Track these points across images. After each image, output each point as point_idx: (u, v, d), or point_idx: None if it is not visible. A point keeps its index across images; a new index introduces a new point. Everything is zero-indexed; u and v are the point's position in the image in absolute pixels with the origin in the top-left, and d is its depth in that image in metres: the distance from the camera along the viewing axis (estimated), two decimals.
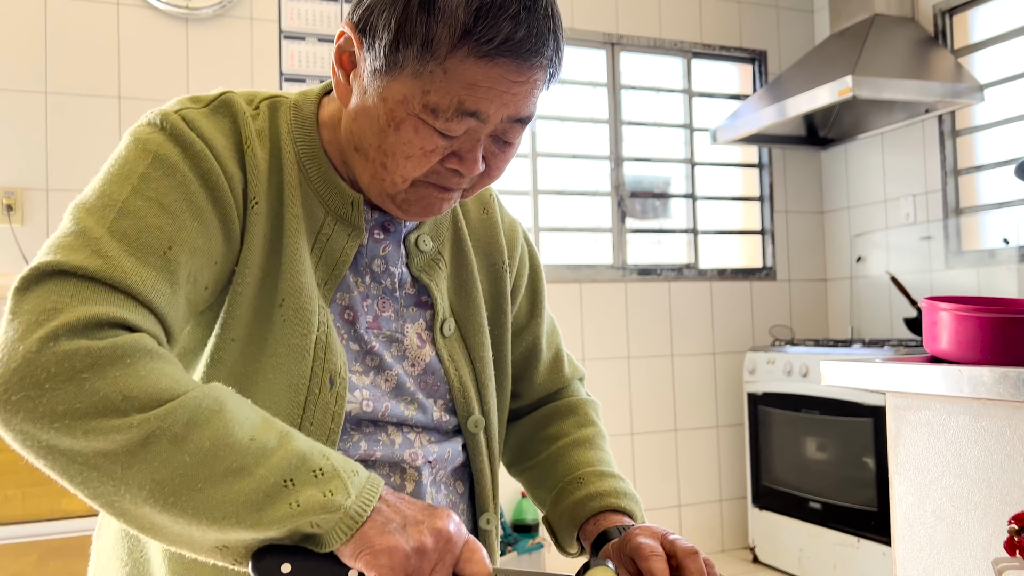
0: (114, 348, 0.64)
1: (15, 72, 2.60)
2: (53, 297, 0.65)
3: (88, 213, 0.71)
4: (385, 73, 0.75)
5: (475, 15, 0.71)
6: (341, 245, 0.84)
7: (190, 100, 0.81)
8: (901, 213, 3.40)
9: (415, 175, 0.78)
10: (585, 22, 3.42)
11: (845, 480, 2.93)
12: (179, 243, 0.72)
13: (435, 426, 0.90)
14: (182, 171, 0.75)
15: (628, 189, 3.53)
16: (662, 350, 3.48)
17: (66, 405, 0.62)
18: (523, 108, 0.78)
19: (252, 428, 0.67)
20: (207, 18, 2.83)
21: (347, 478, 0.66)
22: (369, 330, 0.86)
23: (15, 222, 2.57)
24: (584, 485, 0.93)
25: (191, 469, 0.63)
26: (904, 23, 3.24)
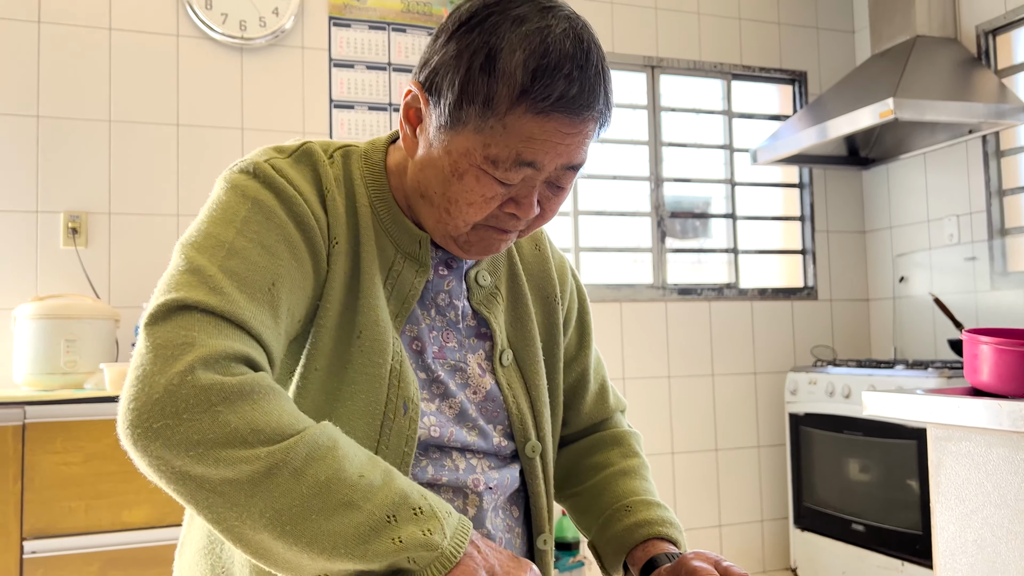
0: (243, 384, 0.70)
1: (81, 102, 2.73)
2: (182, 332, 0.71)
3: (199, 252, 0.78)
4: (449, 128, 0.82)
5: (532, 75, 0.78)
6: (410, 280, 0.91)
7: (275, 150, 0.89)
8: (945, 233, 3.38)
9: (476, 219, 0.85)
10: (625, 46, 3.47)
11: (889, 502, 2.91)
12: (280, 280, 0.79)
13: (495, 451, 0.95)
14: (279, 215, 0.82)
15: (668, 209, 3.56)
16: (703, 370, 3.49)
17: (201, 435, 0.67)
18: (576, 157, 0.85)
19: (361, 465, 0.72)
20: (261, 48, 2.94)
21: (443, 519, 0.72)
22: (435, 359, 0.92)
23: (80, 244, 2.69)
24: (632, 513, 0.98)
25: (307, 500, 0.68)
26: (946, 44, 3.23)
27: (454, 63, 0.81)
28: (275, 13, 2.93)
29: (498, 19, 0.80)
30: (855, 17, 3.87)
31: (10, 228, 2.63)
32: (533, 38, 0.78)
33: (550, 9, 0.82)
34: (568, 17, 0.82)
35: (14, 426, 2.13)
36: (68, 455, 2.18)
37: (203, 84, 2.87)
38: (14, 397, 2.18)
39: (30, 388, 2.40)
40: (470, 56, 0.80)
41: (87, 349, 2.43)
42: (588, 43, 0.81)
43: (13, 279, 2.63)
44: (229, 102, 2.90)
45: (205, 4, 2.85)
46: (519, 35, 0.79)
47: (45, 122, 2.69)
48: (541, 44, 0.78)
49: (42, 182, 2.67)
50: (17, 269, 2.64)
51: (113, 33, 2.78)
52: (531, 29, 0.79)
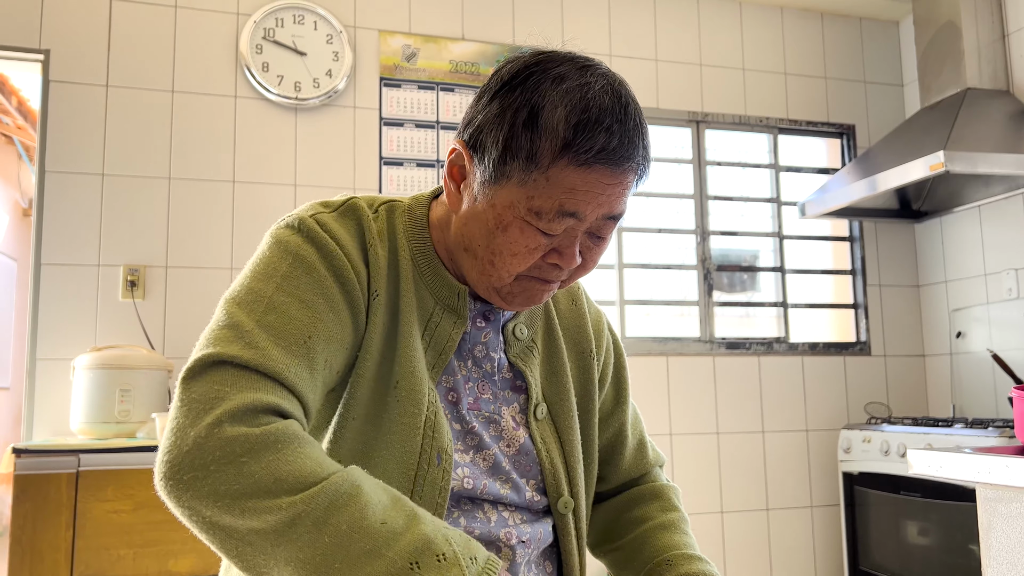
0: (267, 435, 0.73)
1: (143, 160, 2.85)
2: (216, 386, 0.75)
3: (239, 307, 0.81)
4: (494, 183, 0.86)
5: (574, 130, 0.81)
6: (448, 332, 0.93)
7: (321, 205, 0.92)
8: (1003, 288, 3.29)
9: (519, 270, 0.88)
10: (670, 102, 3.51)
11: (950, 567, 2.78)
12: (317, 333, 0.82)
13: (527, 505, 0.95)
14: (318, 269, 0.85)
15: (715, 262, 3.53)
16: (753, 426, 3.42)
17: (227, 486, 0.70)
18: (616, 207, 0.87)
19: (384, 511, 0.74)
20: (314, 108, 3.05)
21: (466, 566, 0.72)
22: (470, 411, 0.94)
23: (137, 297, 2.78)
24: (673, 567, 0.98)
25: (330, 550, 0.70)
26: (998, 96, 3.19)
27: (497, 121, 0.84)
28: (328, 75, 3.04)
29: (539, 78, 0.83)
30: (903, 70, 3.85)
31: (74, 281, 2.74)
32: (574, 94, 0.82)
33: (588, 67, 0.85)
34: (605, 75, 0.85)
35: (68, 473, 2.19)
36: (119, 503, 2.22)
37: (259, 142, 2.98)
38: (70, 445, 2.24)
39: (84, 436, 2.47)
40: (513, 113, 0.83)
41: (140, 399, 2.49)
42: (626, 98, 0.84)
43: (75, 330, 2.73)
44: (283, 159, 3.00)
45: (262, 67, 2.97)
46: (560, 92, 0.82)
47: (109, 179, 2.81)
48: (582, 100, 0.81)
49: (104, 236, 2.79)
50: (79, 320, 2.74)
51: (176, 95, 2.92)
52: (571, 86, 0.82)
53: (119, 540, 2.21)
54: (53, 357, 2.69)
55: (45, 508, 2.16)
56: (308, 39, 3.04)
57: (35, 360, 2.68)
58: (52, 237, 2.74)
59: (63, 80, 2.81)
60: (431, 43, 3.21)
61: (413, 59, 3.19)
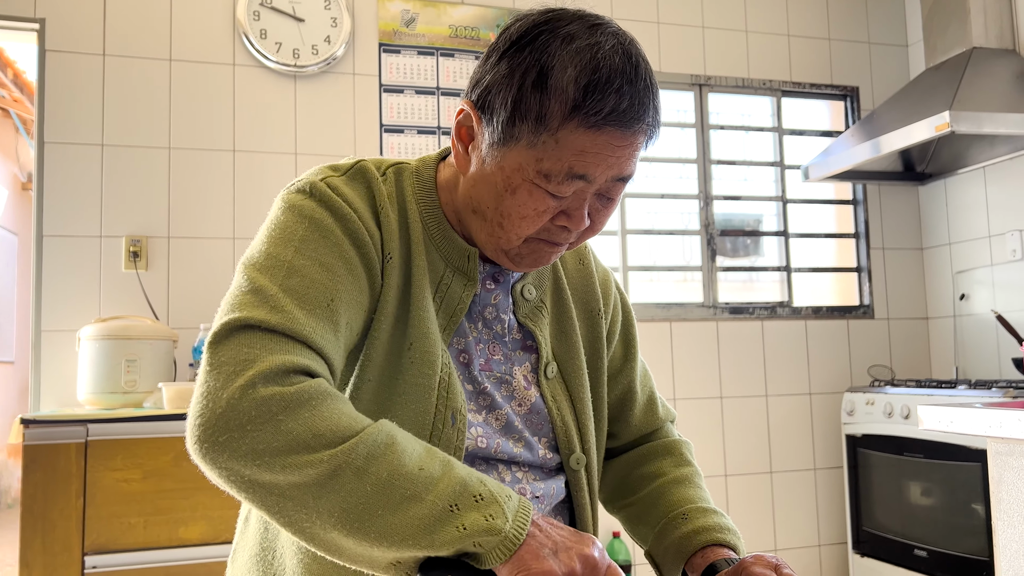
0: (301, 392, 0.73)
1: (143, 130, 2.83)
2: (245, 349, 0.75)
3: (260, 272, 0.81)
4: (502, 144, 0.84)
5: (584, 91, 0.79)
6: (459, 294, 0.93)
7: (330, 169, 0.92)
8: (1007, 249, 3.28)
9: (528, 233, 0.87)
10: (673, 65, 3.47)
11: (953, 527, 2.81)
12: (338, 296, 0.82)
13: (540, 464, 0.96)
14: (335, 233, 0.85)
15: (718, 227, 3.52)
16: (756, 390, 3.43)
17: (265, 444, 0.71)
18: (626, 168, 0.86)
19: (419, 458, 0.75)
20: (313, 75, 3.02)
21: (504, 503, 0.73)
22: (482, 372, 0.94)
23: (140, 268, 2.77)
24: (689, 521, 0.98)
25: (372, 498, 0.71)
26: (1004, 55, 3.16)
27: (506, 82, 0.83)
28: (327, 41, 3.00)
29: (548, 38, 0.82)
30: (908, 31, 3.80)
31: (76, 252, 2.74)
32: (584, 54, 0.80)
33: (598, 26, 0.83)
34: (616, 33, 0.83)
35: (77, 443, 2.20)
36: (128, 472, 2.24)
37: (258, 111, 2.96)
38: (78, 415, 2.25)
39: (92, 406, 2.48)
40: (522, 74, 0.82)
41: (146, 369, 2.50)
42: (636, 58, 0.83)
43: (79, 301, 2.72)
44: (283, 128, 2.98)
45: (260, 34, 2.94)
46: (569, 52, 0.80)
47: (109, 150, 2.79)
48: (592, 60, 0.80)
49: (105, 208, 2.77)
50: (82, 292, 2.73)
51: (173, 64, 2.88)
52: (581, 46, 0.81)
53: (129, 508, 2.22)
54: (58, 329, 2.70)
55: (55, 478, 2.18)
56: (306, 5, 2.99)
57: (40, 332, 2.68)
58: (53, 209, 2.73)
59: (59, 50, 2.78)
60: (430, 7, 3.17)
61: (412, 24, 3.15)
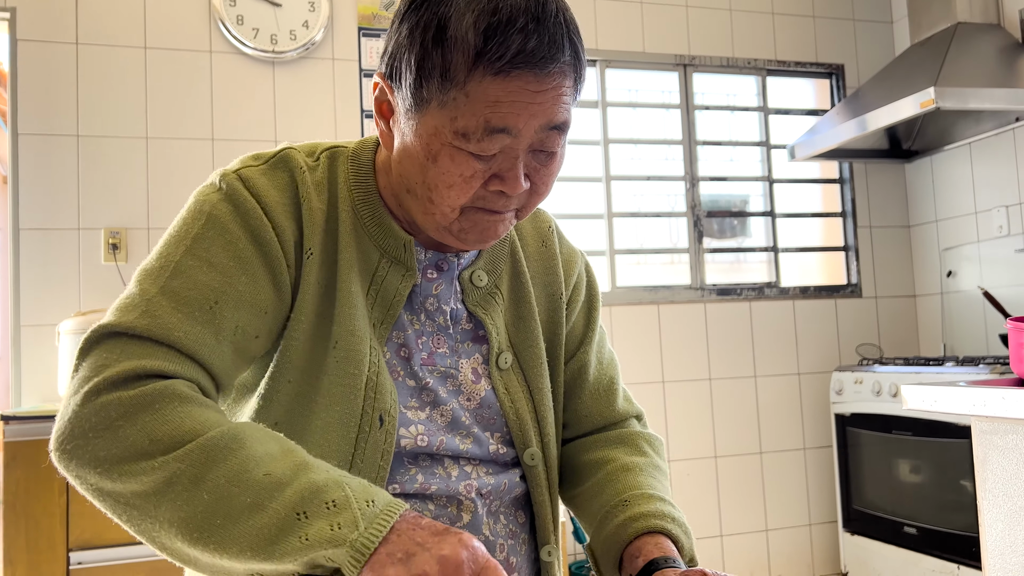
0: (143, 395, 0.70)
1: (119, 119, 2.79)
2: (104, 355, 0.73)
3: (147, 275, 0.79)
4: (415, 111, 0.79)
5: (484, 36, 0.73)
6: (395, 286, 0.88)
7: (252, 158, 0.87)
8: (994, 225, 3.28)
9: (461, 202, 0.81)
10: (656, 45, 3.44)
11: (942, 504, 2.82)
12: (225, 297, 0.78)
13: (492, 458, 0.91)
14: (232, 230, 0.81)
15: (704, 209, 3.50)
16: (744, 371, 3.43)
17: (105, 451, 0.69)
18: (554, 115, 0.78)
19: (269, 463, 0.69)
20: (292, 61, 2.97)
21: (358, 509, 0.66)
22: (424, 367, 0.89)
23: (120, 260, 2.74)
24: (629, 507, 0.88)
25: (210, 506, 0.67)
26: (989, 30, 3.14)
27: (408, 43, 0.78)
28: (305, 26, 2.96)
29: None
30: (893, 7, 3.78)
31: (54, 245, 2.70)
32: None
33: None
34: None
35: None
36: None
37: (236, 98, 2.91)
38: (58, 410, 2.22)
39: None
40: (422, 31, 0.76)
41: None
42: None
43: (58, 295, 2.69)
44: (262, 115, 2.94)
45: (236, 20, 2.89)
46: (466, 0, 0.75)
47: (84, 141, 2.75)
48: (490, 2, 0.74)
49: (83, 200, 2.73)
50: (61, 285, 2.70)
51: (148, 52, 2.83)
52: None
53: None
54: (37, 323, 2.66)
55: (37, 474, 2.15)
56: None
57: (19, 327, 2.65)
58: (29, 202, 2.69)
59: (31, 39, 2.72)
60: None
61: (391, 7, 3.10)
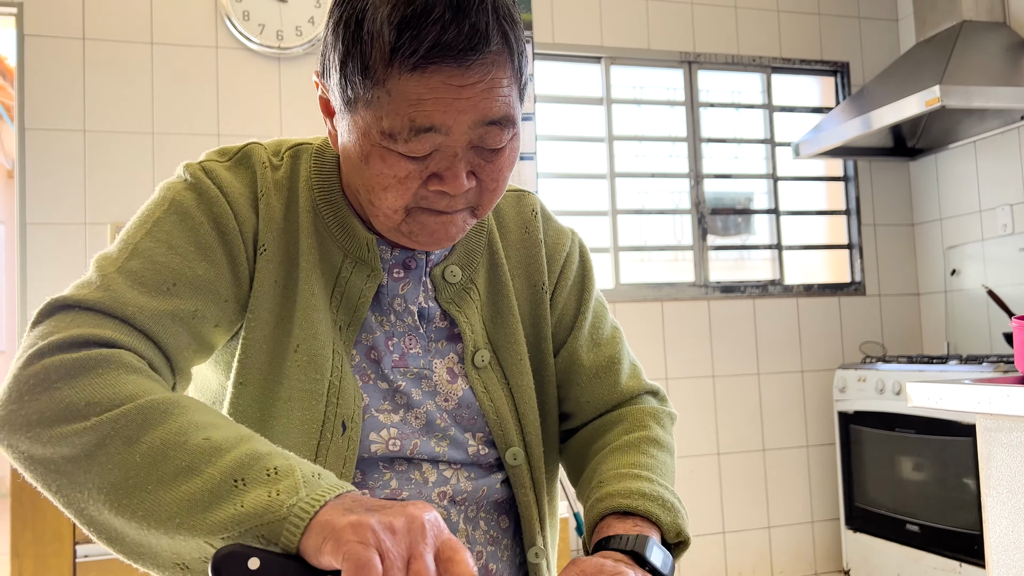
0: (87, 359, 0.66)
1: (125, 115, 2.79)
2: (53, 324, 0.70)
3: (105, 258, 0.77)
4: (347, 110, 0.75)
5: (398, 29, 0.69)
6: (359, 287, 0.85)
7: (217, 153, 0.86)
8: (998, 223, 3.28)
9: (400, 204, 0.76)
10: (662, 42, 3.44)
11: (944, 501, 2.82)
12: (183, 280, 0.76)
13: (472, 461, 0.87)
14: (193, 215, 0.79)
15: (709, 206, 3.51)
16: (748, 368, 3.43)
17: (39, 414, 0.64)
18: (488, 110, 0.72)
19: (210, 430, 0.65)
20: (297, 56, 2.98)
21: (301, 478, 0.61)
22: (395, 369, 0.85)
23: None
24: (600, 487, 0.83)
25: (142, 470, 0.62)
26: (995, 28, 3.14)
27: (332, 40, 0.74)
28: (311, 22, 2.96)
29: None
30: (898, 5, 3.77)
31: (61, 240, 2.71)
32: None
33: None
34: None
35: None
36: None
37: (242, 94, 2.92)
38: None
39: None
40: (343, 27, 0.72)
41: None
42: None
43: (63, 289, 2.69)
44: (267, 111, 2.94)
45: (243, 15, 2.90)
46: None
47: (91, 136, 2.76)
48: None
49: (89, 194, 2.74)
50: (68, 280, 2.69)
51: (155, 47, 2.84)
52: None
53: None
54: None
55: None
56: None
57: (26, 321, 2.66)
58: (36, 196, 2.70)
59: (38, 34, 2.73)
60: None
61: None
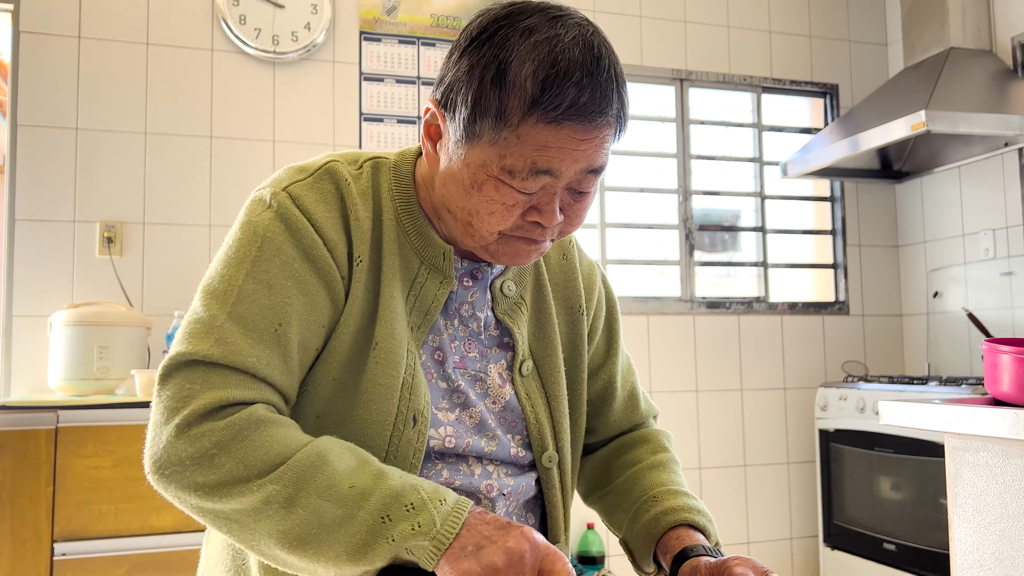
0: (232, 425, 0.78)
1: (118, 114, 2.80)
2: (187, 385, 0.80)
3: (212, 298, 0.84)
4: (466, 142, 0.84)
5: (542, 86, 0.79)
6: (433, 292, 0.93)
7: (297, 171, 0.91)
8: (980, 248, 3.32)
9: (500, 228, 0.87)
10: (654, 59, 3.48)
11: (921, 521, 2.85)
12: (288, 319, 0.84)
13: (512, 460, 0.97)
14: (286, 251, 0.86)
15: (696, 222, 3.54)
16: (731, 384, 3.46)
17: (203, 478, 0.77)
18: (594, 160, 0.85)
19: (351, 475, 0.78)
20: (293, 62, 3.00)
21: (434, 509, 0.76)
22: (456, 369, 0.95)
23: (115, 254, 2.75)
24: (658, 503, 0.98)
25: (305, 520, 0.75)
26: (981, 56, 3.19)
27: (466, 78, 0.82)
28: (307, 28, 2.98)
29: (507, 32, 0.81)
30: (888, 30, 3.83)
31: (49, 237, 2.71)
32: (542, 48, 0.79)
33: (559, 18, 0.82)
34: (578, 24, 0.82)
35: (47, 430, 2.18)
36: (99, 459, 2.22)
37: (236, 97, 2.93)
38: (48, 401, 2.23)
39: (63, 393, 2.46)
40: (481, 71, 0.81)
41: (119, 356, 2.48)
42: (599, 48, 0.82)
43: (51, 286, 2.70)
44: (261, 115, 2.96)
45: (239, 19, 2.91)
46: (528, 46, 0.80)
47: (83, 134, 2.77)
48: (550, 54, 0.79)
49: (79, 192, 2.75)
50: (55, 277, 2.71)
51: (150, 48, 2.86)
52: (540, 39, 0.80)
53: (100, 496, 2.21)
54: (29, 314, 2.67)
55: (24, 464, 2.16)
56: None
57: (11, 317, 2.66)
58: (26, 192, 2.70)
59: (33, 31, 2.74)
60: None
61: (393, 12, 3.13)
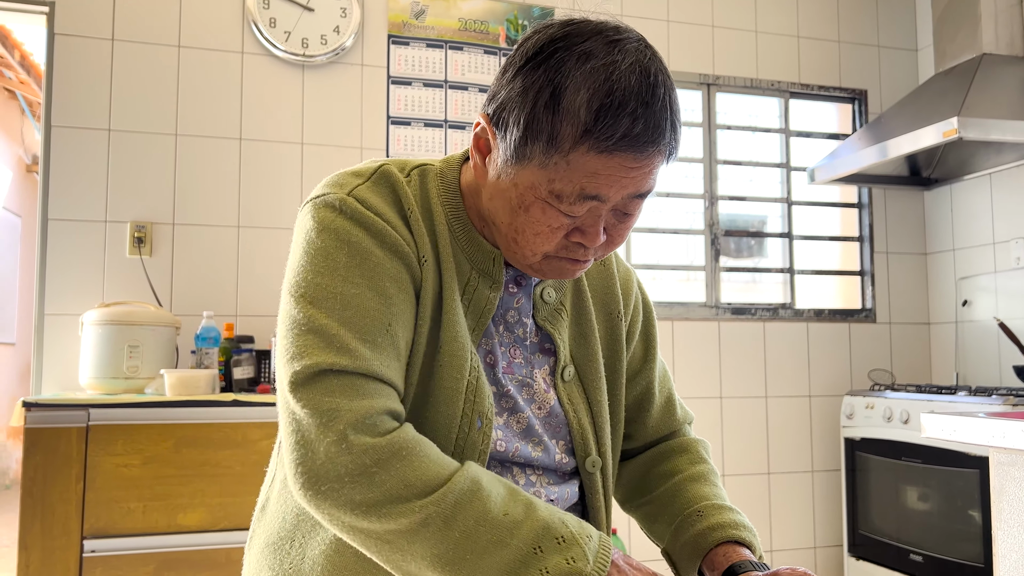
0: (391, 444, 0.78)
1: (150, 116, 2.83)
2: (327, 398, 0.79)
3: (314, 306, 0.83)
4: (515, 162, 0.84)
5: (596, 115, 0.78)
6: (485, 296, 0.94)
7: (353, 175, 0.91)
8: (1011, 256, 3.28)
9: (544, 249, 0.87)
10: (681, 63, 3.46)
11: (949, 533, 2.82)
12: (394, 319, 0.85)
13: (555, 467, 0.97)
14: (375, 253, 0.86)
15: (722, 227, 3.52)
16: (756, 391, 3.44)
17: (362, 496, 0.77)
18: (642, 187, 0.85)
19: (504, 503, 0.79)
20: (321, 65, 3.01)
21: (584, 543, 0.78)
22: (505, 374, 0.95)
23: (144, 254, 2.78)
24: (704, 517, 0.98)
25: (460, 543, 0.76)
26: (1014, 62, 3.15)
27: (520, 99, 0.81)
28: (336, 31, 3.00)
29: (564, 55, 0.80)
30: (918, 35, 3.80)
31: (81, 237, 2.74)
32: (598, 75, 0.78)
33: (617, 43, 0.80)
34: (636, 50, 0.81)
35: (78, 427, 2.21)
36: (128, 457, 2.24)
37: (265, 100, 2.95)
38: (79, 399, 2.25)
39: (94, 391, 2.48)
40: (535, 93, 0.80)
41: (149, 355, 2.50)
42: (655, 76, 0.80)
43: (82, 285, 2.73)
44: (290, 117, 2.98)
45: (269, 23, 2.93)
46: (584, 72, 0.78)
47: (116, 135, 2.79)
48: (606, 82, 0.77)
49: (111, 193, 2.77)
50: (86, 276, 2.73)
51: (182, 51, 2.88)
52: (596, 66, 0.78)
53: (129, 493, 2.23)
54: (61, 313, 2.70)
55: (55, 461, 2.18)
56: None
57: (43, 315, 2.69)
58: (58, 192, 2.73)
59: (68, 33, 2.77)
60: (440, 0, 3.16)
61: (422, 16, 3.14)
